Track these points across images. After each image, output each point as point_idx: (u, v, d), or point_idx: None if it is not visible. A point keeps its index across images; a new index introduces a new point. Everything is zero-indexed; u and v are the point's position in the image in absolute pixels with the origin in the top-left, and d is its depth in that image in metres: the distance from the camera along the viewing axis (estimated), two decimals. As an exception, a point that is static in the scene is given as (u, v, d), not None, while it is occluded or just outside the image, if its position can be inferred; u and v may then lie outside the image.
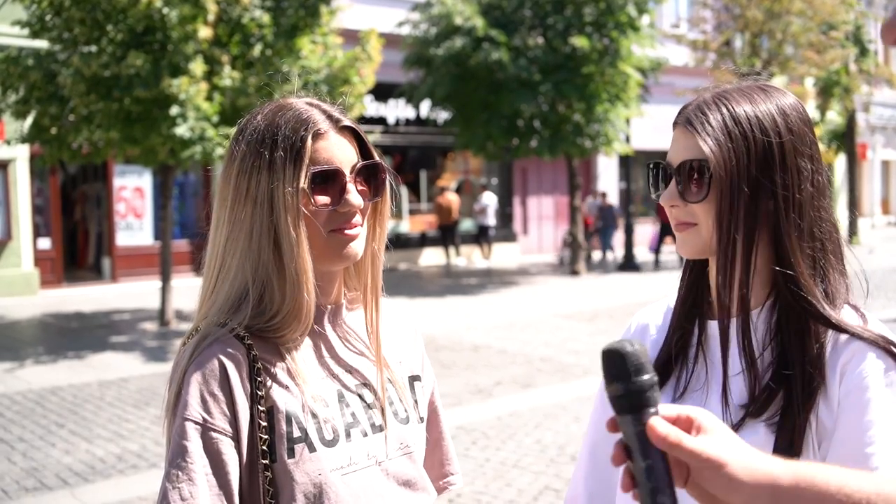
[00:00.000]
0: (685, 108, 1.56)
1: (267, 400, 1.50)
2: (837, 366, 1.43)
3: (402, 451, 1.65)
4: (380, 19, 19.06)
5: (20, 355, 11.22)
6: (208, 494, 1.43)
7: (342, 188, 1.56)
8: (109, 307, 15.58)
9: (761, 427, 1.45)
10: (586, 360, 10.33)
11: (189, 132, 11.43)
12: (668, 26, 25.19)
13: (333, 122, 1.59)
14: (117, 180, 18.51)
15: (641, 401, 1.07)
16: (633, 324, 1.78)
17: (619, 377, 1.07)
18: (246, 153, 1.56)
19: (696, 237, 1.53)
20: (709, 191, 1.49)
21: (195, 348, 1.52)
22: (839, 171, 34.41)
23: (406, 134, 22.39)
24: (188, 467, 1.43)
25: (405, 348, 1.80)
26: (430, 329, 12.57)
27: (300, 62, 12.59)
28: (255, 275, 1.55)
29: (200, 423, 1.46)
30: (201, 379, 1.48)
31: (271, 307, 1.55)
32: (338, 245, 1.57)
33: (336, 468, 1.53)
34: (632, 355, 1.07)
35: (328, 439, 1.54)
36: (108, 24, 11.59)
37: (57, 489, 6.29)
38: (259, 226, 1.53)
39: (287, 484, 1.49)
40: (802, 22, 21.11)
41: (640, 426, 1.06)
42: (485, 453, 6.86)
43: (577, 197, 20.00)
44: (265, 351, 1.54)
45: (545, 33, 18.20)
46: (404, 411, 1.69)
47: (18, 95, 12.14)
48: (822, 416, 1.42)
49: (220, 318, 1.55)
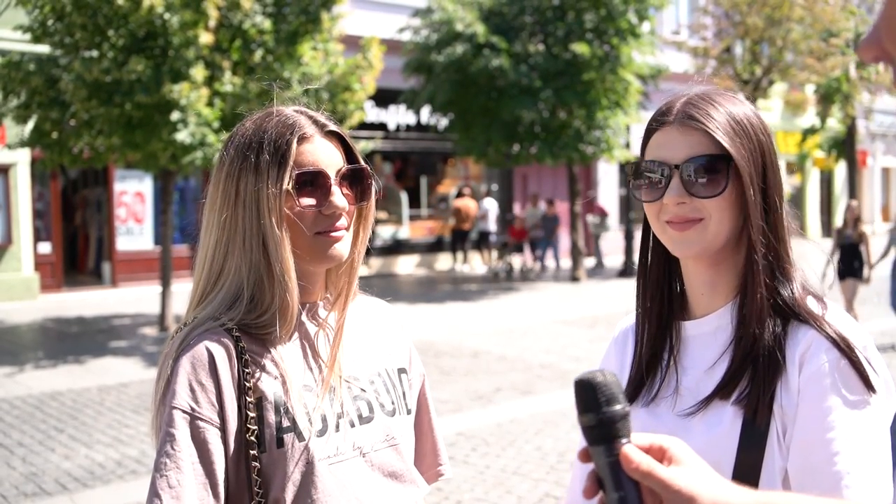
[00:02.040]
0: (669, 108, 1.57)
1: (255, 391, 1.54)
2: (797, 355, 1.47)
3: (388, 443, 1.68)
4: (381, 25, 19.08)
5: (20, 360, 11.21)
6: (194, 483, 1.46)
7: (327, 190, 1.61)
8: (109, 312, 15.58)
9: (728, 408, 1.49)
10: (586, 367, 10.29)
11: (190, 137, 11.43)
12: (669, 33, 25.21)
13: (319, 127, 1.65)
14: (118, 185, 18.52)
15: (613, 431, 1.07)
16: (617, 329, 1.82)
17: (591, 408, 1.07)
18: (234, 157, 1.61)
19: (702, 234, 1.53)
20: (726, 185, 1.50)
21: (185, 339, 1.56)
22: (839, 179, 34.44)
23: (407, 140, 22.40)
24: (176, 455, 1.46)
25: (392, 342, 1.84)
26: (430, 335, 12.56)
27: (301, 69, 12.61)
28: (249, 275, 1.59)
29: (188, 412, 1.49)
30: (190, 369, 1.52)
31: (261, 305, 1.59)
32: (323, 246, 1.62)
33: (324, 458, 1.57)
34: (602, 386, 1.07)
35: (317, 429, 1.57)
36: (110, 30, 11.62)
37: (56, 494, 6.28)
38: (250, 229, 1.58)
39: (276, 473, 1.53)
40: (803, 29, 21.10)
41: (613, 457, 1.06)
42: (485, 460, 6.85)
43: (577, 203, 20.03)
44: (252, 344, 1.59)
45: (546, 40, 18.22)
46: (391, 403, 1.72)
47: (20, 100, 12.16)
48: (784, 403, 1.46)
49: (212, 314, 1.60)
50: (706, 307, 1.60)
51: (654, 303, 1.66)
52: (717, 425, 1.49)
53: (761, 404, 1.45)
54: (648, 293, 1.67)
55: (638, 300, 1.69)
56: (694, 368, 1.58)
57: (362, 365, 1.72)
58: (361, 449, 1.63)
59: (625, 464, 1.05)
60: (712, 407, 1.50)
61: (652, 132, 1.58)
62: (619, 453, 1.06)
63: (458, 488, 6.21)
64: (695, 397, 1.54)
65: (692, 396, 1.55)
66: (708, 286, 1.59)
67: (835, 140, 30.69)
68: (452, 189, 23.70)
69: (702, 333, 1.60)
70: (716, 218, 1.51)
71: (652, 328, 1.65)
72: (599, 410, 1.07)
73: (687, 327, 1.62)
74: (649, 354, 1.64)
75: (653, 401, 1.61)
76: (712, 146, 1.50)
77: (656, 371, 1.63)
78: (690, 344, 1.61)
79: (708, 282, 1.59)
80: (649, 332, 1.65)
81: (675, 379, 1.60)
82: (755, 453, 1.45)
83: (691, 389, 1.56)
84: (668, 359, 1.62)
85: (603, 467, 1.07)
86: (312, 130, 1.63)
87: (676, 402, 1.57)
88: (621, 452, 1.06)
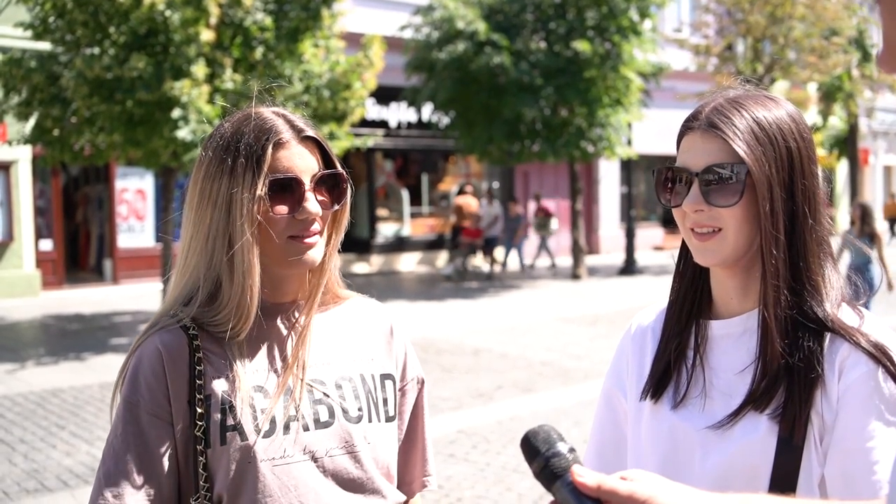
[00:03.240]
0: (698, 112, 1.55)
1: (205, 388, 1.58)
2: (836, 363, 1.46)
3: (346, 450, 1.67)
4: (382, 23, 19.08)
5: (21, 357, 11.22)
6: (135, 472, 1.52)
7: (301, 196, 1.62)
8: (111, 309, 15.59)
9: (764, 419, 1.48)
10: (587, 365, 10.32)
11: (191, 135, 11.43)
12: (671, 30, 25.18)
13: (296, 132, 1.65)
14: (119, 182, 18.52)
15: (563, 464, 1.16)
16: (633, 325, 1.79)
17: (535, 454, 1.18)
18: (211, 159, 1.64)
19: (721, 244, 1.52)
20: (742, 194, 1.49)
21: (142, 335, 1.63)
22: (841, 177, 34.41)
23: (408, 137, 22.38)
24: (121, 444, 1.54)
25: (377, 347, 1.82)
26: (430, 333, 12.56)
27: (302, 66, 12.61)
28: (208, 273, 1.63)
29: (135, 402, 1.56)
30: (141, 363, 1.59)
31: (220, 304, 1.62)
32: (295, 251, 1.63)
33: (267, 459, 1.58)
34: (538, 433, 1.20)
35: (264, 430, 1.59)
36: (111, 27, 11.62)
37: (58, 491, 6.29)
38: (216, 228, 1.61)
39: (219, 469, 1.56)
40: (805, 27, 21.08)
41: (570, 484, 1.14)
42: (485, 457, 6.85)
43: (578, 201, 20.02)
44: (209, 342, 1.62)
45: (547, 37, 18.19)
46: (357, 410, 1.70)
47: (21, 97, 12.17)
48: (823, 411, 1.45)
49: (169, 310, 1.65)
50: (734, 309, 1.59)
51: (686, 300, 1.65)
52: (753, 432, 1.48)
53: (798, 421, 1.44)
54: (682, 290, 1.67)
55: (672, 297, 1.68)
56: (723, 370, 1.57)
57: (331, 368, 1.72)
58: (314, 453, 1.63)
59: (576, 480, 1.13)
60: (745, 417, 1.49)
61: (682, 136, 1.58)
62: (571, 476, 1.14)
63: (459, 486, 6.21)
64: (725, 400, 1.53)
65: (722, 398, 1.54)
66: (737, 291, 1.58)
67: (836, 138, 30.69)
68: (454, 187, 23.68)
69: (728, 334, 1.58)
70: (734, 227, 1.50)
71: (680, 325, 1.64)
72: (542, 453, 1.18)
73: (714, 326, 1.61)
74: (675, 351, 1.63)
75: (681, 403, 1.59)
76: (731, 154, 1.49)
77: (681, 369, 1.62)
78: (717, 344, 1.60)
79: (737, 287, 1.58)
80: (677, 328, 1.64)
81: (703, 379, 1.59)
82: (792, 461, 1.45)
83: (721, 391, 1.55)
84: (693, 357, 1.61)
85: (565, 498, 1.14)
86: (289, 136, 1.63)
87: (706, 404, 1.56)
88: (571, 471, 1.15)
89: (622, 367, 1.76)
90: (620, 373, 1.76)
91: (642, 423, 1.65)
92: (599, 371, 9.63)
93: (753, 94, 1.57)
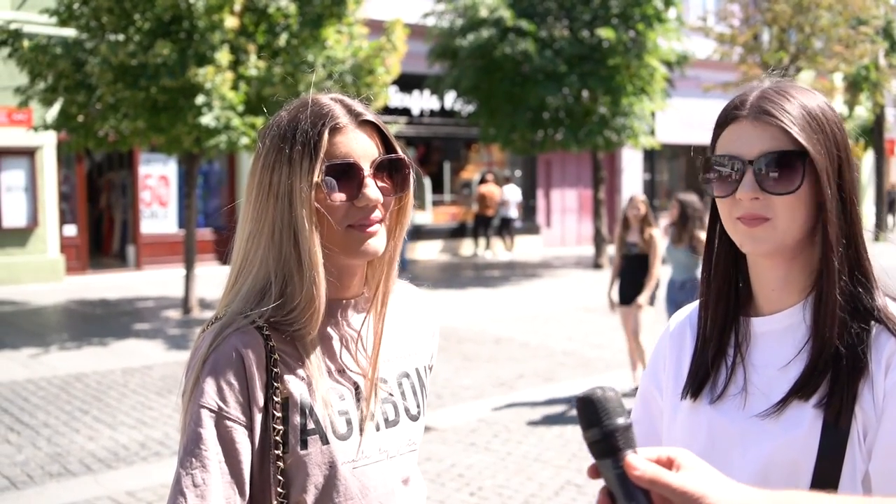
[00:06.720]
0: (743, 101, 1.52)
1: (283, 391, 1.52)
2: (882, 357, 1.44)
3: (410, 448, 1.67)
4: (405, 10, 19.02)
5: (45, 341, 11.31)
6: (220, 482, 1.45)
7: (360, 182, 1.56)
8: (134, 294, 15.69)
9: (809, 410, 1.45)
10: (609, 354, 10.29)
11: (214, 121, 11.46)
12: (695, 19, 24.98)
13: (354, 117, 1.60)
14: (143, 168, 18.61)
15: (617, 444, 1.09)
16: (671, 324, 1.77)
17: (593, 423, 1.10)
18: (269, 149, 1.58)
19: (772, 232, 1.48)
20: (801, 181, 1.46)
21: (215, 337, 1.53)
22: (867, 167, 34.08)
23: (430, 125, 22.35)
24: (202, 454, 1.45)
25: (422, 336, 1.81)
26: (452, 321, 12.55)
27: (325, 52, 12.60)
28: (278, 268, 1.56)
29: (216, 410, 1.48)
30: (219, 367, 1.50)
31: (291, 300, 1.55)
32: (356, 241, 1.57)
33: (347, 461, 1.55)
34: (602, 401, 1.10)
35: (341, 432, 1.55)
36: (136, 13, 11.66)
37: (81, 475, 6.34)
38: (280, 220, 1.55)
39: (298, 475, 1.51)
40: (832, 16, 20.85)
41: (619, 468, 1.08)
42: (506, 447, 6.84)
43: (601, 190, 19.95)
44: (283, 343, 1.55)
45: (571, 25, 18.11)
46: (416, 407, 1.70)
47: (46, 83, 12.25)
48: (867, 406, 1.42)
49: (242, 309, 1.56)
50: (776, 304, 1.56)
51: (721, 297, 1.62)
52: (796, 427, 1.45)
53: (845, 407, 1.41)
54: (714, 287, 1.63)
55: (703, 294, 1.65)
56: (765, 366, 1.54)
57: (391, 366, 1.69)
58: (388, 453, 1.61)
59: (630, 472, 1.07)
60: (790, 408, 1.47)
61: (724, 126, 1.54)
62: (624, 464, 1.08)
63: (480, 475, 6.21)
64: (767, 396, 1.51)
65: (763, 395, 1.51)
66: (780, 283, 1.55)
67: (862, 128, 30.38)
68: (476, 175, 23.65)
69: (772, 331, 1.55)
70: (786, 216, 1.47)
71: (717, 323, 1.61)
72: (602, 424, 1.09)
73: (755, 323, 1.57)
74: (714, 350, 1.60)
75: (719, 398, 1.56)
76: (788, 141, 1.46)
77: (720, 367, 1.59)
78: (759, 341, 1.57)
79: (780, 278, 1.54)
80: (715, 327, 1.61)
81: (743, 377, 1.55)
82: (836, 456, 1.42)
83: (762, 388, 1.52)
84: (734, 355, 1.58)
85: (611, 480, 1.09)
86: (346, 121, 1.58)
87: (746, 400, 1.54)
88: (625, 461, 1.08)
89: (659, 366, 1.74)
90: (658, 371, 1.74)
91: (677, 420, 1.63)
92: (621, 361, 9.59)
93: (792, 83, 1.54)
